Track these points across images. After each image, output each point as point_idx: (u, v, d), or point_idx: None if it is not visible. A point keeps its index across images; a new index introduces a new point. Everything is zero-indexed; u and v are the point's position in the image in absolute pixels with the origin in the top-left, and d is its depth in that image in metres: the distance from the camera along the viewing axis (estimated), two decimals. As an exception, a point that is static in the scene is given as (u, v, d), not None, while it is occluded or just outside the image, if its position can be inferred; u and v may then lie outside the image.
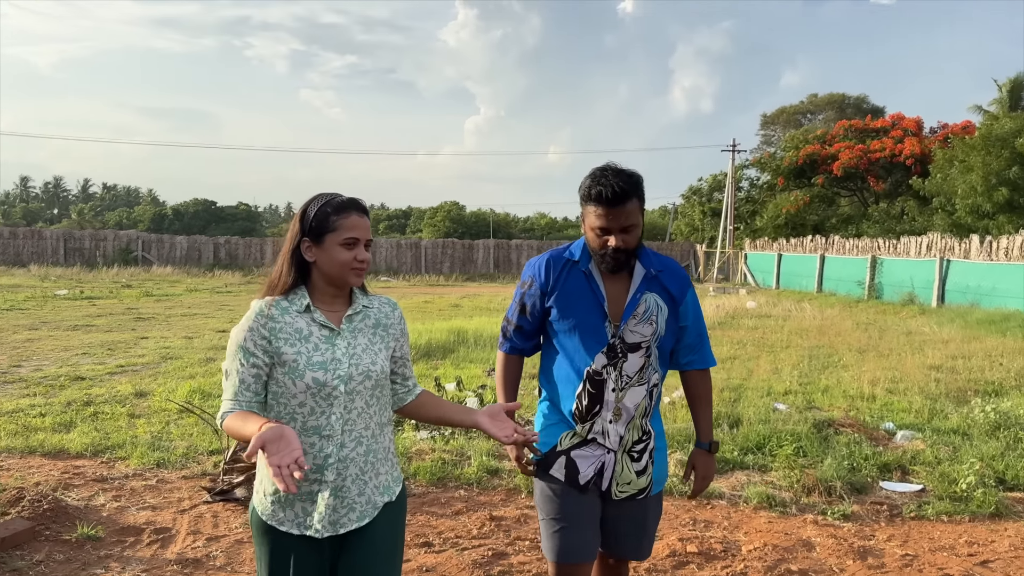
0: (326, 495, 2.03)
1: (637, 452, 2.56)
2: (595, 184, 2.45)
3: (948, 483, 5.13)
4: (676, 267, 2.66)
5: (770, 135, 51.33)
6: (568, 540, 2.54)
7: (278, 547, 2.05)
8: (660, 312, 2.55)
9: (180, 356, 10.68)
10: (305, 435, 2.02)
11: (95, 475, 5.19)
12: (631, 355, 2.52)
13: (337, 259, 2.07)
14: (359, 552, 2.08)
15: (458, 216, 56.64)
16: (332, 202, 2.10)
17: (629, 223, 2.45)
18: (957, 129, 28.90)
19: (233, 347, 2.03)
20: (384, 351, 2.15)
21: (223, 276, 31.90)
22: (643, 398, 2.55)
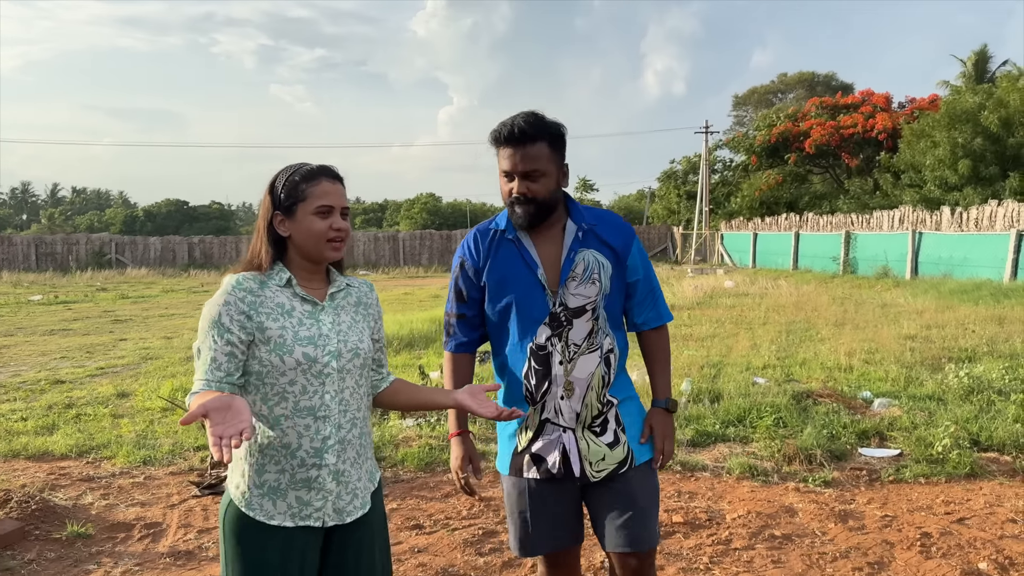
0: (328, 482, 1.93)
1: (599, 426, 2.34)
2: (501, 124, 2.28)
3: (924, 447, 5.25)
4: (614, 218, 2.44)
5: (742, 115, 51.65)
6: (533, 531, 2.38)
7: (264, 544, 1.89)
8: (602, 269, 2.33)
9: (160, 356, 10.64)
10: (299, 416, 1.90)
11: (81, 475, 5.18)
12: (576, 321, 2.30)
13: (311, 229, 1.94)
14: (358, 543, 2.01)
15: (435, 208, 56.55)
16: (300, 170, 1.98)
17: (533, 168, 2.24)
18: (925, 104, 29.27)
19: (206, 323, 1.88)
20: (367, 330, 2.07)
21: (199, 276, 31.68)
22: (597, 366, 2.32)
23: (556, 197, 2.33)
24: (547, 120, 2.29)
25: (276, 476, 1.90)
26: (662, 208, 44.98)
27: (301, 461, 1.91)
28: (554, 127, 2.29)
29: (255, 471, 1.91)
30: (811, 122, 30.96)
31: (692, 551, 3.81)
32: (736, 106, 52.73)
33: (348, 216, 2.01)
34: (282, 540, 1.90)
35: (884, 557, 3.71)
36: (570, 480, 2.34)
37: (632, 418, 2.39)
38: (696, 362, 8.42)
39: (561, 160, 2.33)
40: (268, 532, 1.89)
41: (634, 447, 2.35)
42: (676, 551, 3.82)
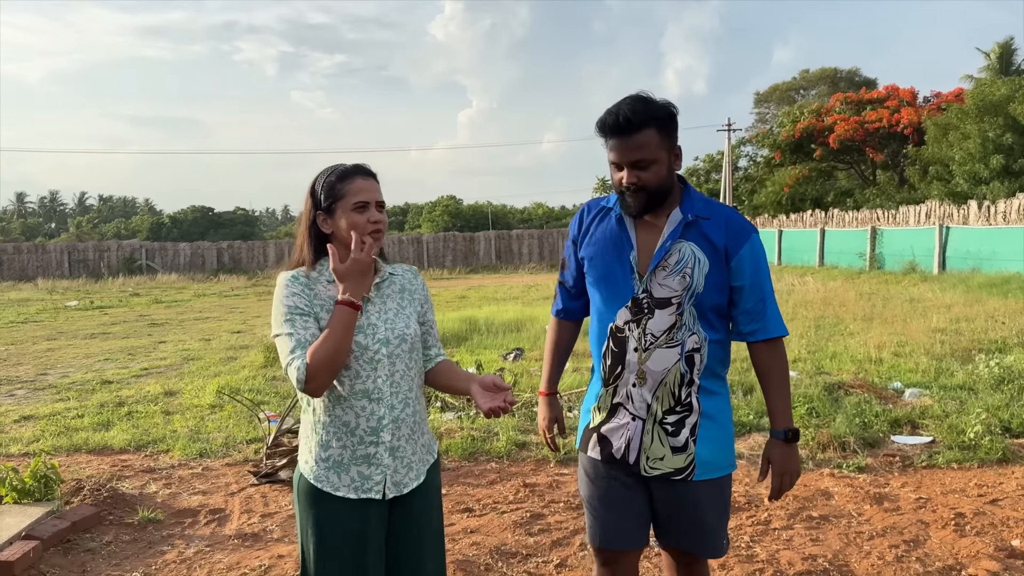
0: (385, 457, 2.09)
1: (671, 424, 2.26)
2: (606, 112, 2.20)
3: (956, 434, 5.37)
4: (729, 215, 2.28)
5: (764, 113, 51.45)
6: (599, 521, 2.36)
7: (331, 512, 2.07)
8: (697, 264, 2.21)
9: (201, 357, 10.93)
10: (355, 398, 2.06)
11: (143, 467, 5.44)
12: (658, 311, 2.23)
13: (352, 223, 2.07)
14: (415, 510, 2.17)
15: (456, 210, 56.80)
16: (336, 171, 2.14)
17: (640, 156, 2.16)
18: (950, 97, 29.05)
19: (280, 309, 2.04)
20: (413, 315, 2.19)
21: (228, 280, 32.14)
22: (675, 363, 2.23)
23: (669, 183, 2.23)
24: (654, 104, 2.19)
25: (339, 451, 2.09)
26: (685, 207, 44.91)
27: (360, 439, 2.08)
28: (662, 110, 2.19)
29: (320, 447, 2.09)
30: (835, 117, 30.85)
31: (733, 531, 3.98)
32: (758, 103, 52.54)
33: (384, 209, 2.16)
34: (346, 510, 2.07)
35: (919, 536, 3.86)
36: (633, 468, 2.28)
37: (711, 434, 2.27)
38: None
39: (672, 144, 2.22)
40: (335, 502, 2.08)
41: (699, 461, 2.25)
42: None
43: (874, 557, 3.62)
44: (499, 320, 12.26)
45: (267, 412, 7.00)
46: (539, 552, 3.79)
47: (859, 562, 3.58)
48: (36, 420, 7.04)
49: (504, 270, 35.87)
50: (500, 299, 18.74)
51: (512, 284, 24.81)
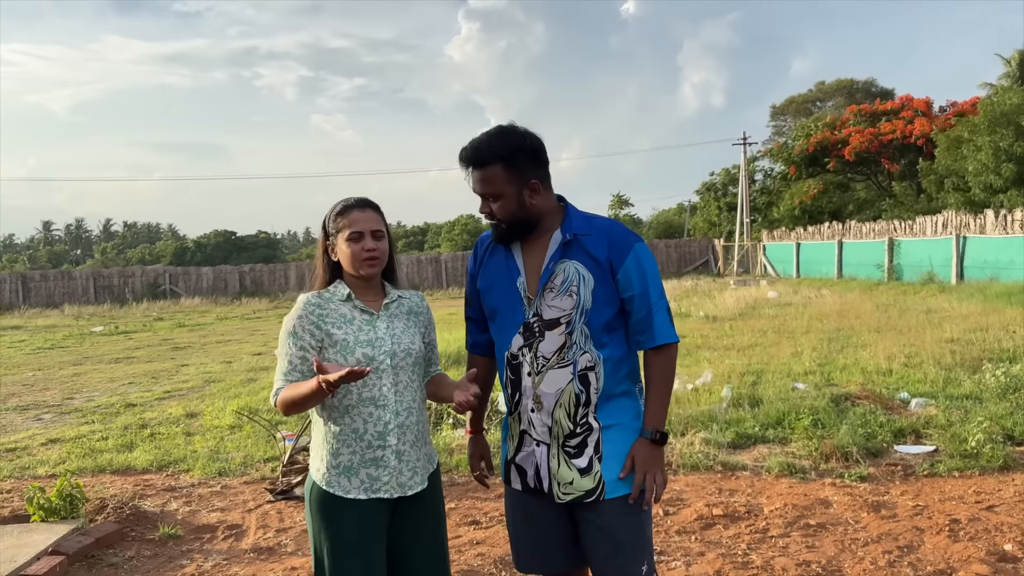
0: (391, 460, 2.28)
1: (573, 447, 2.27)
2: (466, 144, 2.28)
3: (959, 442, 5.43)
4: (609, 228, 2.30)
5: (781, 125, 51.42)
6: (518, 550, 2.45)
7: (343, 514, 2.24)
8: (583, 282, 2.24)
9: (222, 379, 11.17)
10: (363, 405, 2.26)
11: (164, 486, 5.63)
12: (548, 333, 2.25)
13: (347, 252, 2.30)
14: (422, 509, 2.36)
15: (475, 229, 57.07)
16: (338, 206, 2.37)
17: (486, 190, 2.24)
18: (967, 106, 28.95)
19: (284, 334, 2.29)
20: (418, 334, 2.40)
21: (250, 303, 32.54)
22: (568, 383, 2.25)
23: (524, 214, 2.27)
24: (503, 139, 2.24)
25: (349, 457, 2.27)
26: (703, 221, 44.95)
27: (368, 443, 2.27)
28: (508, 148, 2.22)
29: (331, 454, 2.28)
30: (849, 129, 30.84)
31: (731, 539, 4.09)
32: (774, 116, 52.54)
33: (382, 237, 2.34)
34: (358, 511, 2.26)
35: (913, 542, 3.95)
36: (547, 496, 2.30)
37: (615, 447, 2.27)
38: (736, 370, 8.64)
39: (523, 177, 2.24)
40: (346, 505, 2.26)
41: (608, 479, 2.25)
42: (715, 540, 4.10)
43: (867, 563, 3.72)
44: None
45: (284, 432, 7.20)
46: (541, 562, 3.93)
47: (852, 567, 3.68)
48: (62, 443, 7.27)
49: (522, 288, 36.03)
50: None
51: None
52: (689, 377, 8.15)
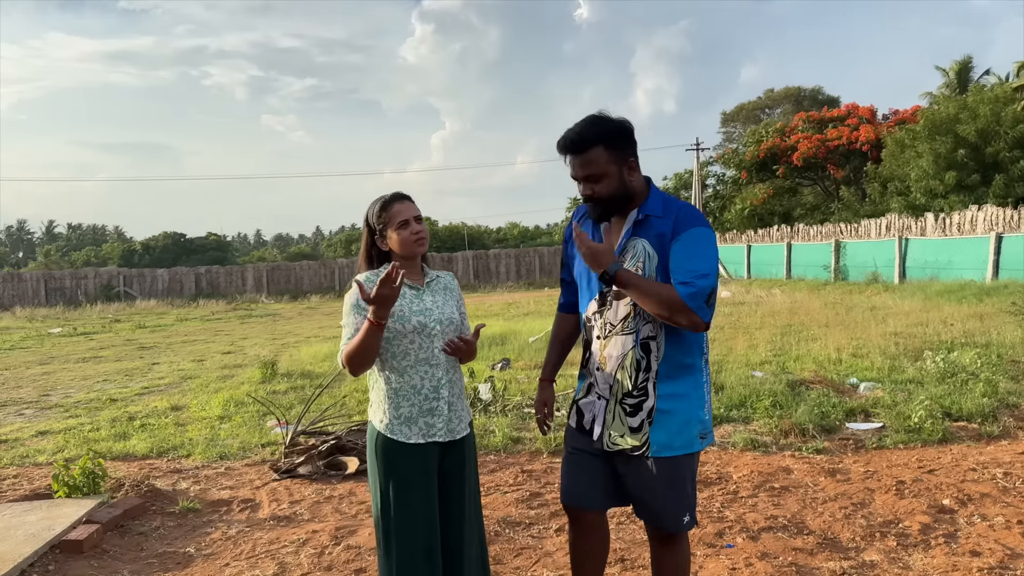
0: (444, 409, 2.69)
1: (630, 406, 2.52)
2: (563, 134, 2.48)
3: (903, 419, 6.02)
4: (682, 209, 2.50)
5: (731, 132, 52.73)
6: (565, 481, 2.72)
7: (405, 455, 2.63)
8: (648, 259, 2.46)
9: (198, 376, 11.36)
10: (420, 366, 2.66)
11: (169, 468, 5.93)
12: (617, 303, 2.50)
13: (399, 239, 2.69)
14: (461, 456, 2.78)
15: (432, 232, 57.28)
16: (380, 202, 2.75)
17: (590, 171, 2.44)
18: (908, 115, 30.27)
19: (348, 307, 2.66)
20: (453, 305, 2.79)
21: (208, 305, 32.34)
22: (630, 349, 2.50)
23: (623, 192, 2.49)
24: (603, 123, 2.46)
25: (408, 409, 2.68)
26: (656, 224, 45.87)
27: (425, 396, 2.69)
28: (610, 129, 2.45)
29: (393, 408, 2.69)
30: (798, 136, 31.95)
31: (706, 500, 4.58)
32: (725, 123, 53.85)
33: (422, 220, 2.77)
34: (418, 453, 2.67)
35: (865, 499, 4.48)
36: (596, 443, 2.58)
37: (668, 421, 2.50)
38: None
39: (623, 156, 2.47)
40: (407, 449, 2.67)
41: (654, 440, 2.51)
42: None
43: (826, 516, 4.23)
44: (484, 334, 12.82)
45: (273, 421, 7.52)
46: (539, 521, 4.37)
47: (813, 520, 4.19)
48: (53, 435, 7.48)
49: (482, 289, 36.44)
50: (481, 316, 19.29)
51: (492, 302, 25.37)
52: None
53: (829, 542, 3.89)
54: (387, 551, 2.66)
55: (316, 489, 5.21)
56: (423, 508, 2.65)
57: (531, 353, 11.16)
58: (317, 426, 6.26)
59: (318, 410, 6.80)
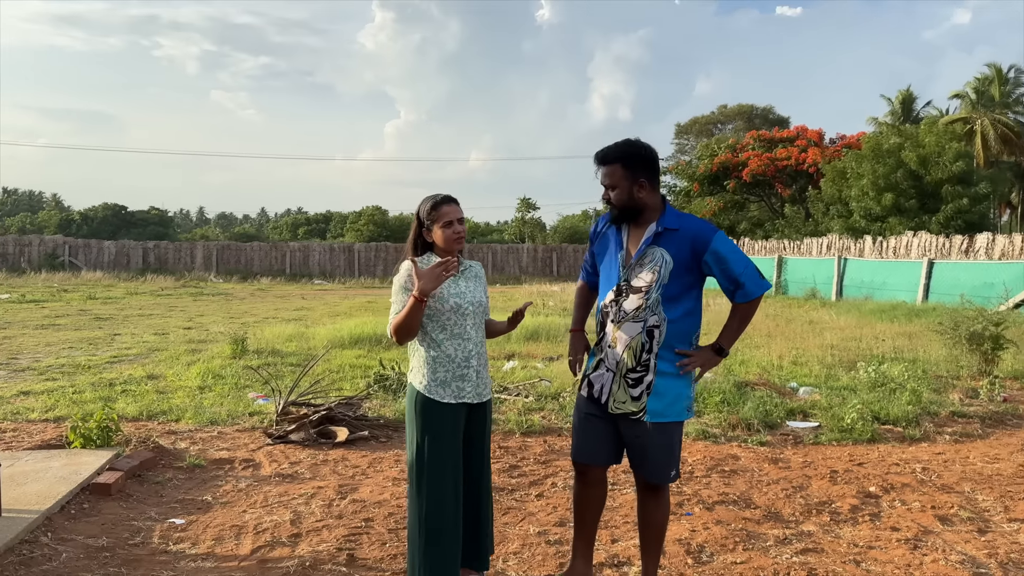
0: (473, 376, 3.24)
1: (632, 379, 3.08)
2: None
3: (837, 420, 6.72)
4: (694, 225, 3.09)
5: (684, 144, 54.06)
6: (578, 440, 3.27)
7: (439, 412, 3.15)
8: (664, 264, 3.04)
9: (164, 348, 11.59)
10: (454, 339, 3.20)
11: (165, 430, 6.29)
12: (632, 296, 3.06)
13: (442, 236, 3.23)
14: (484, 415, 3.33)
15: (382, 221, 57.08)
16: (431, 201, 3.27)
17: (608, 182, 3.08)
18: (853, 140, 31.67)
19: (397, 287, 3.18)
20: (482, 291, 3.35)
21: (156, 280, 32.01)
22: (638, 334, 3.06)
23: (634, 203, 3.11)
24: (626, 147, 3.09)
25: (444, 374, 3.21)
26: (607, 229, 46.84)
27: (458, 364, 3.22)
28: (629, 153, 3.08)
29: (431, 372, 3.21)
30: (749, 153, 33.13)
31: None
32: (678, 135, 55.19)
33: (463, 222, 3.29)
34: (450, 411, 3.20)
35: (803, 484, 5.13)
36: (604, 408, 3.14)
37: (663, 393, 3.08)
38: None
39: (635, 176, 3.07)
40: (441, 407, 3.19)
41: (650, 408, 3.09)
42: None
43: (771, 495, 4.87)
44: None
45: (254, 394, 7.91)
46: (521, 488, 4.92)
47: (759, 498, 4.82)
48: (36, 395, 7.73)
49: (434, 282, 36.76)
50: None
51: (445, 295, 25.78)
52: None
53: (773, 515, 4.51)
54: (419, 489, 3.17)
55: (310, 454, 5.65)
56: (452, 455, 3.19)
57: (492, 344, 11.69)
58: (305, 398, 6.69)
59: (304, 385, 7.22)
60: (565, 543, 4.00)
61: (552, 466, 5.40)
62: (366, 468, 5.31)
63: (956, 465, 5.57)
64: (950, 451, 6.01)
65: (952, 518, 4.46)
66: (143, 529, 4.07)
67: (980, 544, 4.05)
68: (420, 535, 3.18)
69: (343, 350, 10.89)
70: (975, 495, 4.89)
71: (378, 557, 3.77)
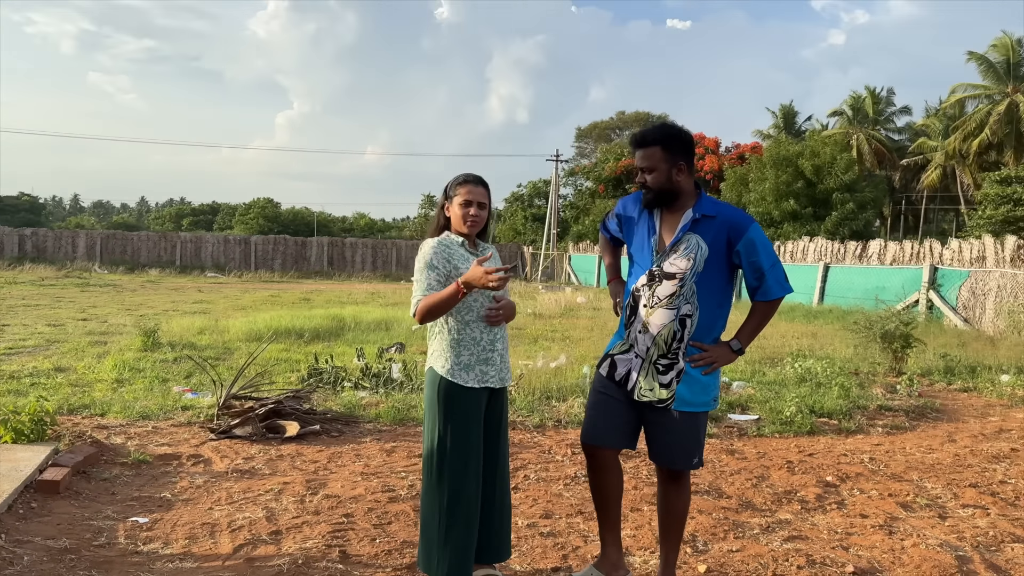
0: (497, 360, 3.14)
1: (663, 366, 3.00)
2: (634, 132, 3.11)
3: (776, 413, 6.93)
4: (732, 213, 3.02)
5: (584, 147, 54.97)
6: (589, 421, 3.14)
7: (462, 396, 3.03)
8: (699, 251, 2.96)
9: (63, 340, 10.82)
10: (480, 322, 3.08)
11: (95, 424, 5.83)
12: (665, 282, 2.97)
13: (458, 213, 3.12)
14: (503, 399, 3.23)
15: (273, 214, 55.46)
16: (458, 177, 3.18)
17: (646, 164, 2.99)
18: (747, 149, 33.03)
19: (421, 265, 3.04)
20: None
21: (36, 270, 29.96)
22: (670, 321, 2.97)
23: (672, 187, 3.02)
24: (665, 130, 3.01)
25: (468, 357, 3.09)
26: (508, 229, 47.10)
27: (483, 348, 3.11)
28: (668, 136, 2.99)
29: (454, 354, 3.08)
30: (650, 158, 33.99)
31: (632, 468, 5.19)
32: (579, 138, 56.08)
33: (484, 207, 3.17)
34: (473, 396, 3.09)
35: (764, 474, 5.24)
36: (629, 393, 3.04)
37: (694, 384, 3.02)
38: (590, 353, 9.91)
39: (675, 159, 2.99)
40: (465, 391, 3.07)
41: (680, 396, 3.01)
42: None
43: (737, 485, 4.95)
44: (366, 319, 13.01)
45: (179, 387, 7.46)
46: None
47: (728, 488, 4.89)
48: (-69, 388, 7.04)
49: (337, 277, 35.98)
50: (347, 302, 19.27)
51: (352, 290, 25.29)
52: (548, 359, 9.28)
53: (747, 504, 4.59)
54: (440, 478, 3.04)
55: (261, 449, 5.36)
56: (476, 440, 3.08)
57: (418, 339, 11.49)
58: (246, 392, 6.35)
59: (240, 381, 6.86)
60: (558, 535, 3.93)
61: (517, 459, 5.32)
62: (326, 463, 5.08)
63: (898, 456, 5.83)
64: (887, 442, 6.29)
65: (912, 505, 4.65)
66: (104, 529, 3.74)
67: (946, 529, 4.23)
68: (439, 525, 3.04)
69: (261, 344, 10.44)
70: (924, 483, 5.13)
71: (372, 553, 3.59)
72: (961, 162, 38.23)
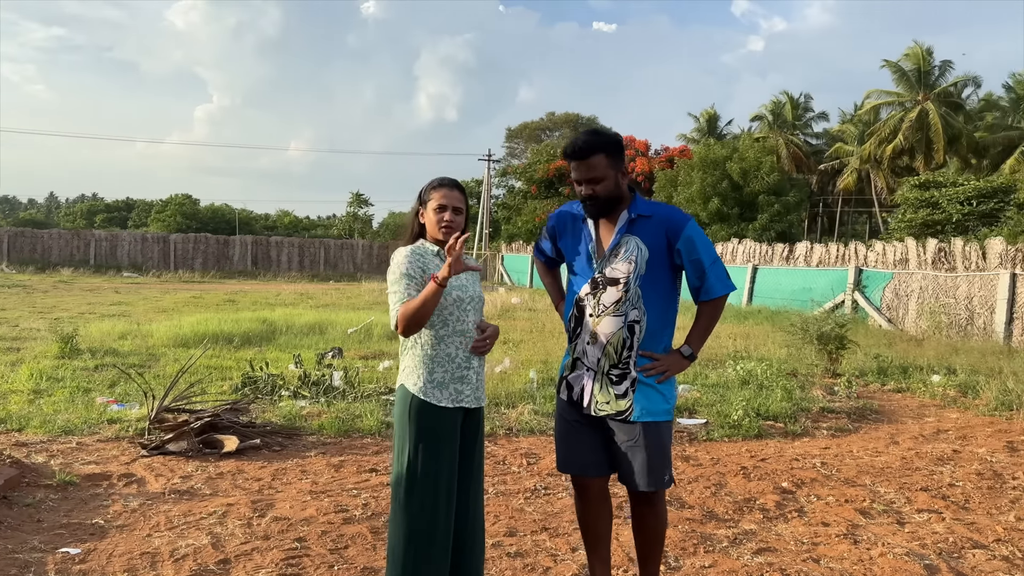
0: (473, 378, 2.93)
1: (615, 376, 2.89)
2: (568, 142, 2.86)
3: (723, 417, 6.93)
4: (667, 212, 2.94)
5: (514, 147, 55.02)
6: (563, 451, 3.04)
7: (436, 416, 2.83)
8: (640, 253, 2.88)
9: (-29, 347, 10.11)
10: (455, 335, 2.88)
11: (13, 442, 5.40)
12: (609, 288, 2.88)
13: (432, 219, 2.94)
14: (478, 421, 3.01)
15: (192, 211, 53.72)
16: (432, 181, 3.01)
17: (593, 175, 2.85)
18: (676, 152, 33.56)
19: (398, 275, 2.84)
20: (479, 285, 3.08)
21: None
22: (619, 328, 2.87)
23: (617, 193, 2.92)
24: (603, 136, 2.90)
25: (442, 375, 2.88)
26: (438, 228, 46.78)
27: (458, 365, 2.91)
28: (608, 141, 2.89)
29: (428, 373, 2.87)
30: (581, 159, 34.23)
31: (593, 480, 5.06)
32: (509, 138, 56.12)
33: (460, 213, 2.98)
34: (448, 416, 2.88)
35: (721, 481, 5.19)
36: (585, 410, 2.92)
37: (650, 392, 2.91)
38: (534, 357, 9.77)
39: (618, 165, 2.90)
40: (438, 411, 2.87)
41: (638, 406, 2.89)
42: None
43: (696, 494, 4.88)
44: (297, 323, 12.58)
45: (104, 398, 7.01)
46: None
47: (688, 496, 4.81)
48: None
49: (262, 277, 34.97)
50: (276, 304, 18.68)
51: (279, 291, 24.59)
52: (492, 364, 9.12)
53: (709, 514, 4.51)
54: (408, 502, 2.83)
55: (198, 466, 5.04)
56: (447, 465, 2.86)
57: (355, 343, 11.17)
58: (177, 403, 5.98)
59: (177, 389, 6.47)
60: (526, 555, 3.78)
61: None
62: (271, 481, 4.79)
63: (847, 459, 5.87)
64: (833, 445, 6.34)
65: (869, 511, 4.66)
66: (31, 563, 3.40)
67: (907, 536, 4.23)
68: (407, 553, 2.83)
69: (189, 349, 9.98)
70: (877, 488, 5.15)
71: (331, 582, 3.36)
72: (875, 167, 39.66)
